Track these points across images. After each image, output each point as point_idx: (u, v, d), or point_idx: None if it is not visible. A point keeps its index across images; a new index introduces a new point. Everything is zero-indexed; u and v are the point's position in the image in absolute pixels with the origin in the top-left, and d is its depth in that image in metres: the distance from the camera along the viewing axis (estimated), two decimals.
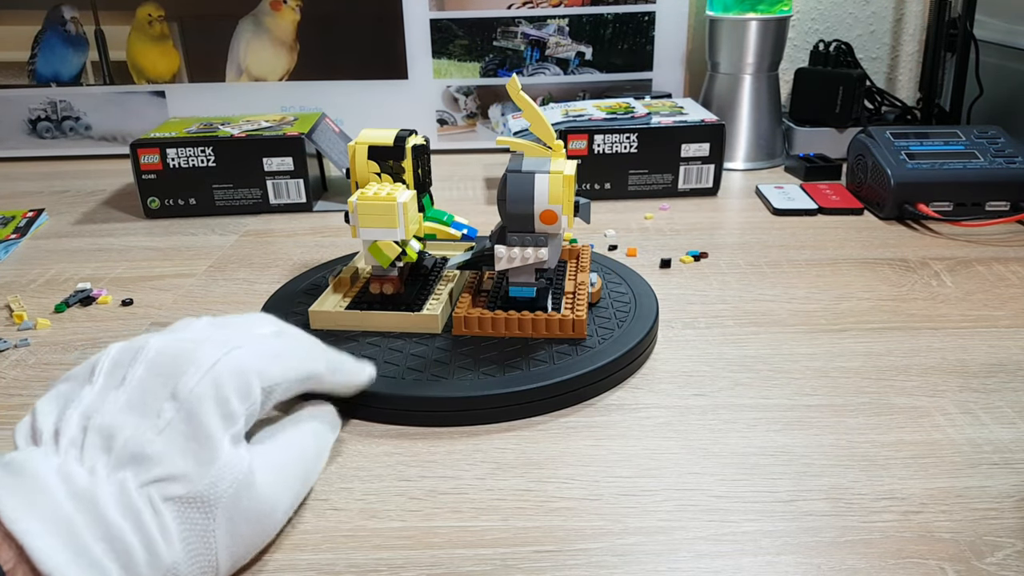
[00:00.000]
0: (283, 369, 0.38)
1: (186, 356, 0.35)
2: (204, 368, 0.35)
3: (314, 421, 0.42)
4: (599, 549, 0.37)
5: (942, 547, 0.36)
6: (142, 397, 0.34)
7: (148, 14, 1.05)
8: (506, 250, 0.51)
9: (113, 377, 0.35)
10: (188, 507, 0.32)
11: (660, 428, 0.46)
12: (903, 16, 1.16)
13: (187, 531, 0.32)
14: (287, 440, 0.39)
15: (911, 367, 0.52)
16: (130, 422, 0.33)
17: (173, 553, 0.32)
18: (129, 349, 0.36)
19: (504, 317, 0.52)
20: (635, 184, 0.88)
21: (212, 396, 0.34)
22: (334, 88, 1.08)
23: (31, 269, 0.72)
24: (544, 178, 0.49)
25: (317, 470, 0.40)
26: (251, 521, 0.34)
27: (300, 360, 0.40)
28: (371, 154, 0.54)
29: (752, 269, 0.68)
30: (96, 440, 0.32)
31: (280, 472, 0.37)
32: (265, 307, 0.58)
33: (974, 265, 0.68)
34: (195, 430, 0.33)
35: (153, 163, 0.82)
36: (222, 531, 0.33)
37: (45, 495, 0.30)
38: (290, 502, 0.37)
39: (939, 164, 0.78)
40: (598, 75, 1.09)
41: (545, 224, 0.50)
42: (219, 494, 0.33)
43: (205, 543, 0.33)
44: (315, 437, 0.41)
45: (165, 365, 0.35)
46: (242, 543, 0.34)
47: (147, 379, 0.34)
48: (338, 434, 0.43)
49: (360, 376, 0.45)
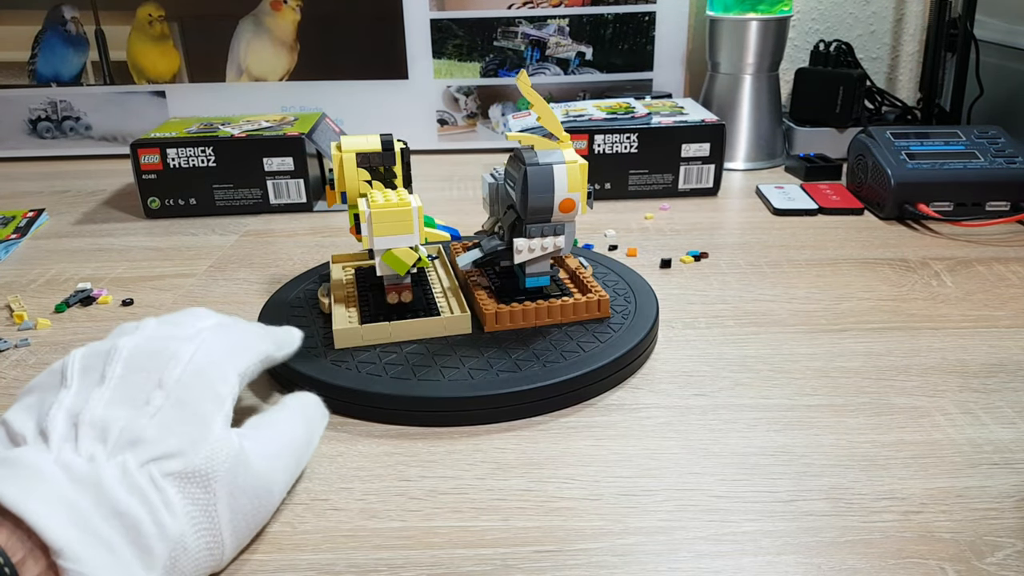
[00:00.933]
0: (249, 355, 0.41)
1: (164, 351, 0.37)
2: (184, 360, 0.37)
3: (304, 411, 0.43)
4: (599, 549, 0.37)
5: (942, 547, 0.36)
6: (128, 391, 0.35)
7: (148, 14, 1.05)
8: (526, 242, 0.52)
9: (89, 378, 0.35)
10: (188, 482, 0.33)
11: (660, 428, 0.46)
12: (903, 16, 1.16)
13: (190, 505, 0.33)
14: (276, 425, 0.40)
15: (911, 367, 0.52)
16: (121, 414, 0.34)
17: (179, 525, 0.32)
18: (97, 353, 0.37)
19: (535, 307, 0.53)
20: (635, 184, 0.88)
21: (198, 383, 0.36)
22: (334, 88, 1.08)
23: (31, 269, 0.72)
24: (562, 168, 0.50)
25: (307, 455, 0.41)
26: (249, 496, 0.35)
27: (256, 343, 0.42)
28: (360, 161, 0.53)
29: (752, 269, 0.68)
30: (90, 432, 0.33)
31: (272, 453, 0.38)
32: (265, 307, 0.58)
33: (974, 265, 0.68)
34: (186, 414, 0.35)
35: (153, 163, 0.82)
36: (223, 505, 0.34)
37: (46, 482, 0.30)
38: (285, 481, 0.38)
39: (939, 164, 0.78)
40: (598, 75, 1.09)
41: (563, 213, 0.51)
42: (216, 468, 0.34)
43: (208, 516, 0.33)
44: (304, 423, 0.42)
45: (144, 361, 0.36)
46: (243, 518, 0.35)
47: (128, 375, 0.35)
48: (326, 423, 0.43)
49: (295, 342, 0.47)
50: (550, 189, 0.50)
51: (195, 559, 0.33)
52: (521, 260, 0.53)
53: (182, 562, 0.32)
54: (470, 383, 0.47)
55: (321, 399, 0.43)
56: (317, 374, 0.48)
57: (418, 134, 1.10)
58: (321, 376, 0.48)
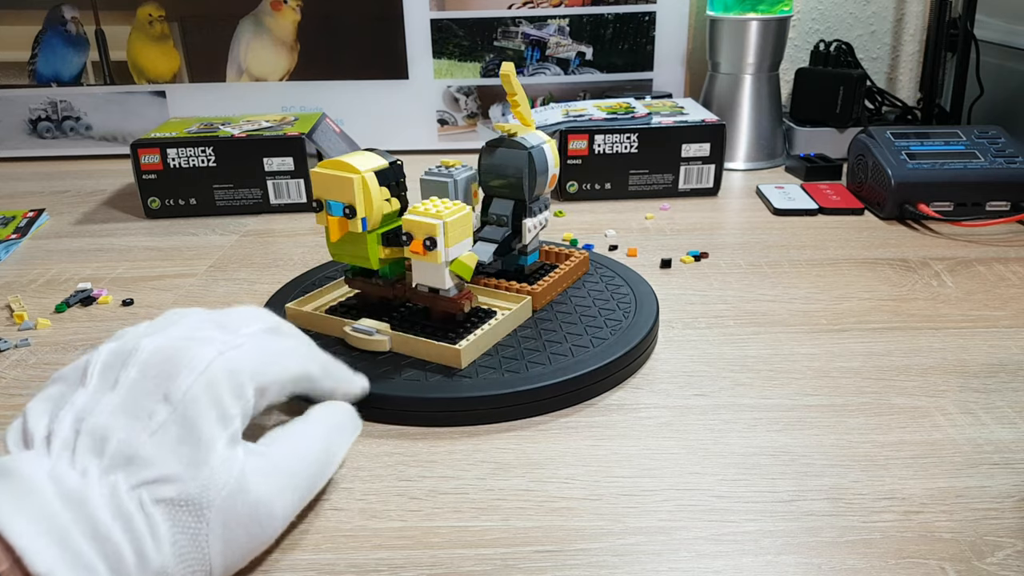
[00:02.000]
0: (277, 369, 0.37)
1: (179, 357, 0.34)
2: (197, 370, 0.34)
3: (327, 422, 0.40)
4: (599, 549, 0.37)
5: (943, 547, 0.36)
6: (135, 400, 0.33)
7: (148, 14, 1.05)
8: (532, 220, 0.56)
9: (106, 379, 0.34)
10: (179, 510, 0.32)
11: (660, 428, 0.46)
12: (904, 16, 1.16)
13: (178, 534, 0.32)
14: (291, 443, 0.38)
15: (911, 367, 0.52)
16: (123, 424, 0.32)
17: (162, 556, 0.31)
18: (121, 351, 0.35)
19: (554, 278, 0.58)
20: (635, 184, 0.88)
21: (206, 398, 0.34)
22: (335, 88, 1.08)
23: (32, 269, 0.72)
24: (549, 147, 0.56)
25: (326, 474, 0.39)
26: (246, 526, 0.34)
27: (294, 360, 0.39)
28: (381, 180, 0.50)
29: (752, 269, 0.68)
30: (88, 443, 0.32)
31: (280, 476, 0.36)
32: (265, 307, 0.58)
33: (974, 265, 0.68)
34: (188, 433, 0.33)
35: (154, 163, 0.82)
36: (215, 536, 0.32)
37: (35, 496, 0.30)
38: (291, 507, 0.36)
39: (939, 164, 0.78)
40: (599, 75, 1.09)
41: (549, 187, 0.57)
42: (211, 497, 0.32)
43: (196, 546, 0.32)
44: (326, 438, 0.40)
45: (158, 367, 0.34)
46: (237, 548, 0.34)
47: (140, 381, 0.34)
48: (358, 435, 0.42)
49: (353, 386, 0.44)
50: (546, 168, 0.56)
51: None
52: (530, 238, 0.57)
53: None
54: (470, 383, 0.47)
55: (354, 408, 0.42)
56: None
57: (418, 134, 1.10)
58: None
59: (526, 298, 0.54)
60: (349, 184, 0.48)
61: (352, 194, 0.48)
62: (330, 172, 0.49)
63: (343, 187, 0.48)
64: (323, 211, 0.50)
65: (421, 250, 0.47)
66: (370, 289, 0.54)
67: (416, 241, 0.47)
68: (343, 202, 0.48)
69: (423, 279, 0.50)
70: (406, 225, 0.48)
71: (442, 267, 0.48)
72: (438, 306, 0.51)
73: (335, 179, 0.48)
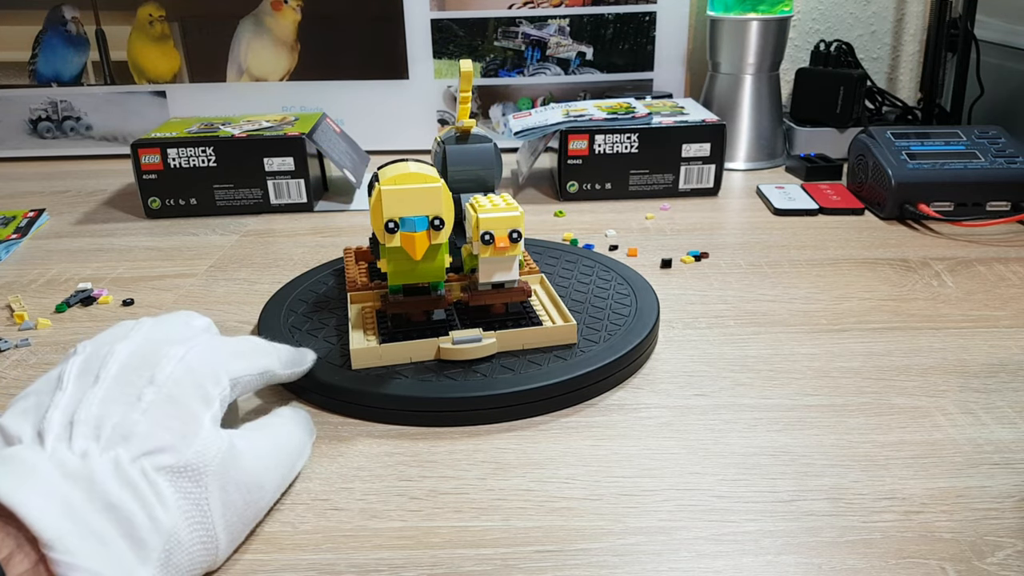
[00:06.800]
0: (244, 364, 0.40)
1: (158, 351, 0.37)
2: (176, 358, 0.37)
3: (294, 419, 0.43)
4: (600, 549, 0.37)
5: (943, 547, 0.36)
6: (121, 389, 0.35)
7: (149, 14, 1.05)
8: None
9: (84, 380, 0.36)
10: (179, 476, 0.33)
11: (661, 428, 0.46)
12: (904, 16, 1.16)
13: (182, 499, 0.33)
14: (269, 429, 0.41)
15: (912, 367, 0.52)
16: (114, 410, 0.34)
17: (172, 518, 0.32)
18: (95, 355, 0.37)
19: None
20: (636, 184, 0.88)
21: (189, 380, 0.36)
22: (335, 88, 1.08)
23: (32, 269, 0.72)
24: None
25: (300, 463, 0.41)
26: (241, 491, 0.35)
27: (256, 356, 0.42)
28: None
29: (753, 269, 0.68)
30: (84, 430, 0.33)
31: (264, 453, 0.38)
32: (265, 307, 0.58)
33: (975, 265, 0.68)
34: (176, 409, 0.35)
35: (154, 163, 0.82)
36: (215, 499, 0.34)
37: (39, 476, 0.30)
38: (277, 481, 0.39)
39: (940, 164, 0.78)
40: (599, 75, 1.09)
41: None
42: (207, 463, 0.34)
43: (200, 510, 0.34)
44: (297, 432, 0.42)
45: (139, 359, 0.37)
46: (235, 513, 0.35)
47: (122, 374, 0.36)
48: (314, 439, 0.44)
49: (305, 364, 0.47)
50: (501, 159, 0.57)
51: (189, 553, 0.33)
52: None
53: (176, 556, 0.33)
54: (470, 383, 0.47)
55: (310, 415, 0.45)
56: (320, 375, 0.48)
57: (418, 134, 1.10)
58: (322, 376, 0.48)
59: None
60: (436, 194, 0.45)
61: (440, 204, 0.45)
62: (408, 187, 0.44)
63: (428, 199, 0.44)
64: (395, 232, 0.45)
65: (508, 243, 0.48)
66: (416, 305, 0.50)
67: (500, 236, 0.48)
68: (429, 215, 0.45)
69: (490, 276, 0.50)
70: (484, 225, 0.48)
71: (515, 258, 0.50)
72: (504, 299, 0.52)
73: (417, 192, 0.44)
